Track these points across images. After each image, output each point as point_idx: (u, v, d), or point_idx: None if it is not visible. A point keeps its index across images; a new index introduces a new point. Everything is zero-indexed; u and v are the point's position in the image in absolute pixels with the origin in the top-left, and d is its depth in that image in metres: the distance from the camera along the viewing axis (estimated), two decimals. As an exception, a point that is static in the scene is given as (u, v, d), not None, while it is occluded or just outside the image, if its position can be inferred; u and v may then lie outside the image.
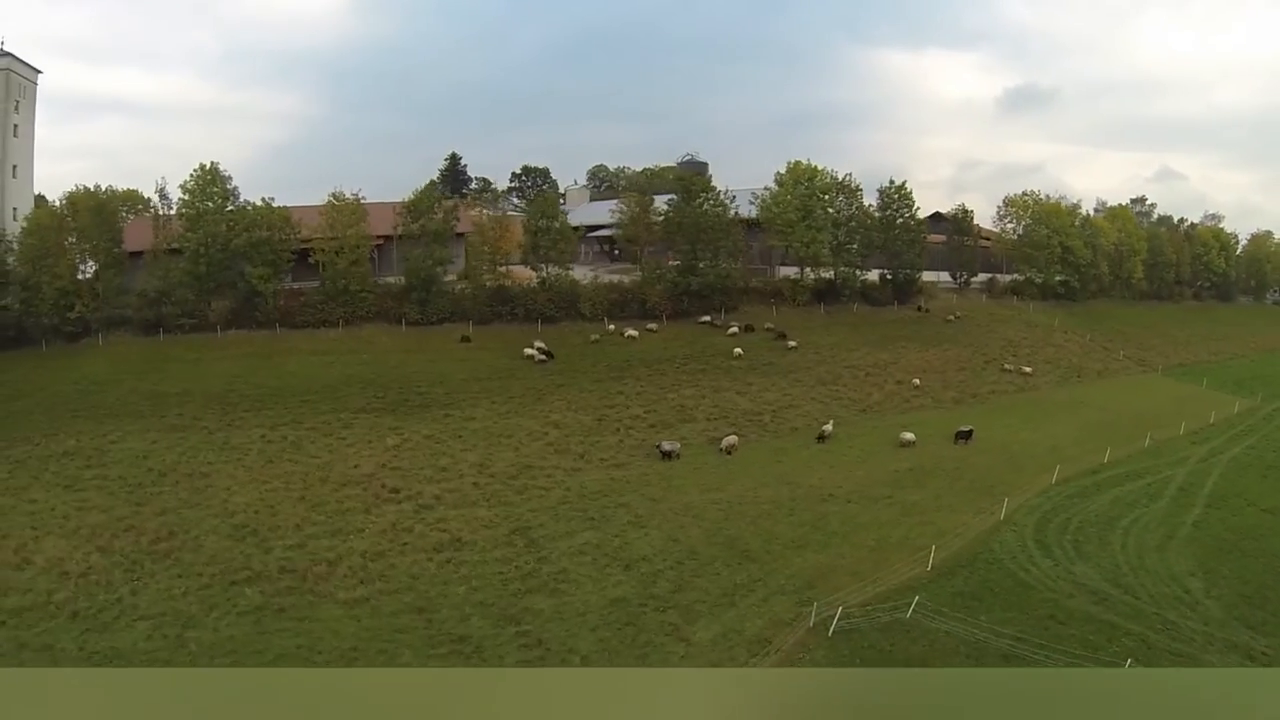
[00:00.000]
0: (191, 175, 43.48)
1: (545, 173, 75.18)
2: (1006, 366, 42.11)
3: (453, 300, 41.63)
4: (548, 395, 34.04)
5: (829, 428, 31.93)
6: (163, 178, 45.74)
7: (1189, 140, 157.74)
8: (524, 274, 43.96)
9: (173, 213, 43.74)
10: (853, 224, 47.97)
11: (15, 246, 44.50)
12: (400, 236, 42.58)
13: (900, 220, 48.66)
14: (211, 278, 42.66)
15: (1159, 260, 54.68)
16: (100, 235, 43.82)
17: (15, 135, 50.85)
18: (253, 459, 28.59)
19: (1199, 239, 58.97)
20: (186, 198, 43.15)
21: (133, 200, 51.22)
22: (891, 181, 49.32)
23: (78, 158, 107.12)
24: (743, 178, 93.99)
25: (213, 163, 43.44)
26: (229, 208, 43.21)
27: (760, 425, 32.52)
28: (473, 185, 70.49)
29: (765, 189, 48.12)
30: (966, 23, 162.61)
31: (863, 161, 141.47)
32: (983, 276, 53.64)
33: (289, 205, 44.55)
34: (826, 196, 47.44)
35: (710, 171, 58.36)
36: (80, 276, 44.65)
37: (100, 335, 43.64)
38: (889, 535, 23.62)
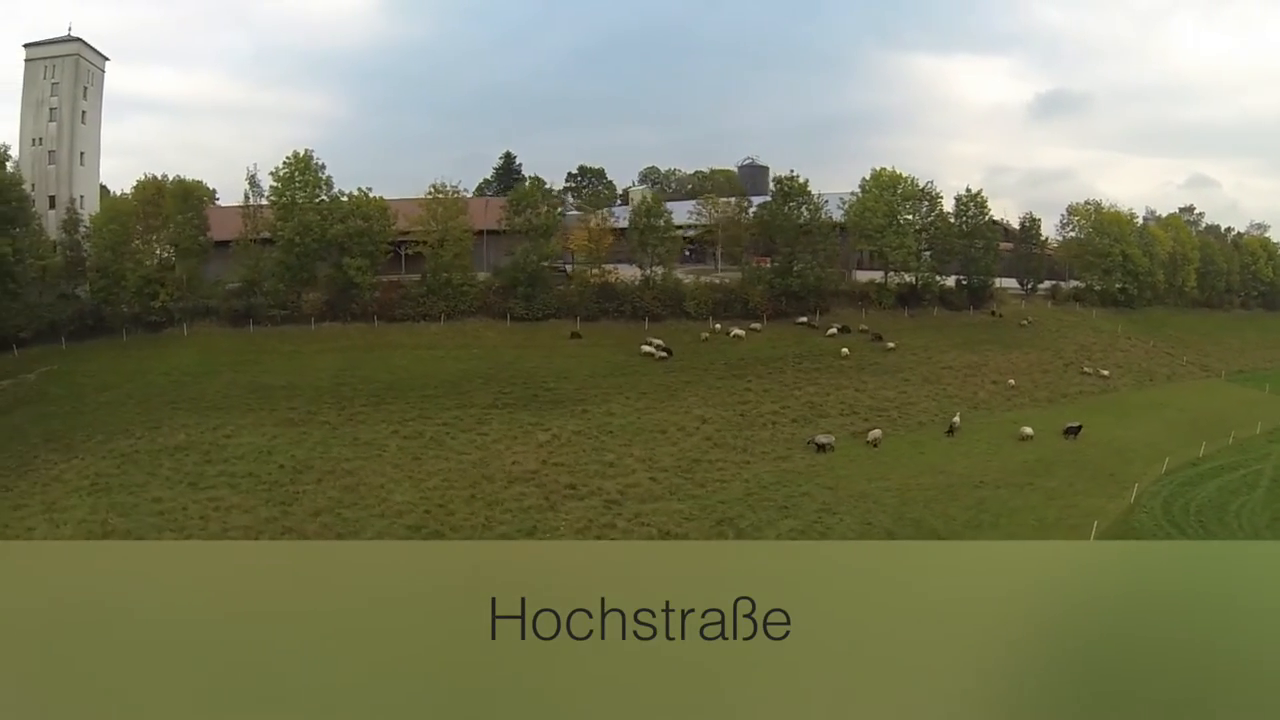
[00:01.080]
0: (284, 163, 46.35)
1: (601, 173, 79.71)
2: (1085, 370, 48.42)
3: (558, 296, 45.60)
4: (679, 391, 38.39)
5: (957, 420, 37.37)
6: (254, 164, 48.51)
7: (1221, 146, 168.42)
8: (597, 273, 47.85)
9: (263, 201, 46.42)
10: (934, 230, 53.82)
11: (90, 233, 46.58)
12: (504, 232, 46.30)
13: (977, 227, 54.79)
14: (304, 268, 45.49)
15: (1210, 269, 62.67)
16: (187, 222, 46.19)
17: (83, 122, 52.79)
18: (394, 455, 31.44)
19: (1247, 248, 67.54)
20: (278, 185, 45.92)
21: (199, 191, 53.39)
22: (968, 190, 55.53)
23: (110, 155, 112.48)
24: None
25: (306, 150, 46.40)
26: (321, 197, 46.12)
27: (889, 420, 37.63)
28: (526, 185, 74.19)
29: (852, 194, 53.62)
30: (998, 27, 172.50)
31: (890, 166, 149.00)
32: (1046, 283, 60.45)
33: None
34: (909, 203, 53.23)
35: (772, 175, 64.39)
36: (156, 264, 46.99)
37: (185, 325, 46.12)
38: (1045, 515, 28.90)
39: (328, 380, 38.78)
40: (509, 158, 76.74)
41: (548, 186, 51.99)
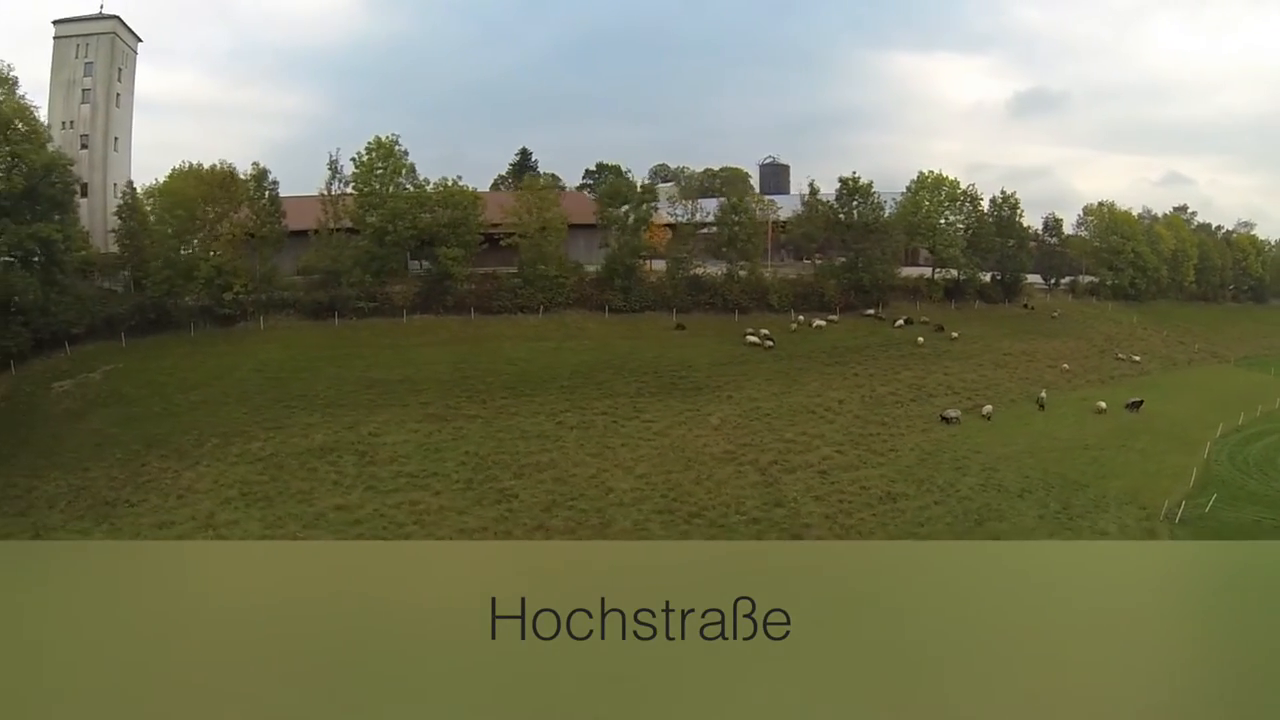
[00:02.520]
0: (366, 149, 49.75)
1: (618, 169, 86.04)
2: (1119, 356, 59.45)
3: (653, 289, 51.58)
4: (799, 377, 45.26)
5: (1044, 395, 46.47)
6: (337, 149, 50.91)
7: (1196, 144, 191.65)
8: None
9: (348, 190, 49.38)
10: (975, 229, 63.90)
11: (146, 221, 47.78)
12: (599, 225, 51.82)
13: (1011, 226, 65.51)
14: (393, 259, 48.93)
15: (1206, 265, 76.88)
16: (261, 210, 48.38)
17: (118, 106, 53.75)
18: (577, 445, 34.63)
19: (1237, 245, 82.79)
20: (360, 171, 49.19)
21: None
22: (1002, 191, 66.26)
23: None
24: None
25: (392, 135, 49.75)
26: (405, 185, 49.73)
27: (984, 397, 46.00)
28: (541, 181, 79.36)
29: (903, 193, 62.94)
30: (977, 26, 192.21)
31: (869, 163, 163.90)
32: (1066, 278, 72.29)
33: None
34: (954, 204, 63.12)
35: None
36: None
37: (261, 319, 48.16)
38: (1147, 468, 37.80)
39: (448, 373, 42.43)
40: (525, 153, 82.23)
41: (561, 183, 57.94)
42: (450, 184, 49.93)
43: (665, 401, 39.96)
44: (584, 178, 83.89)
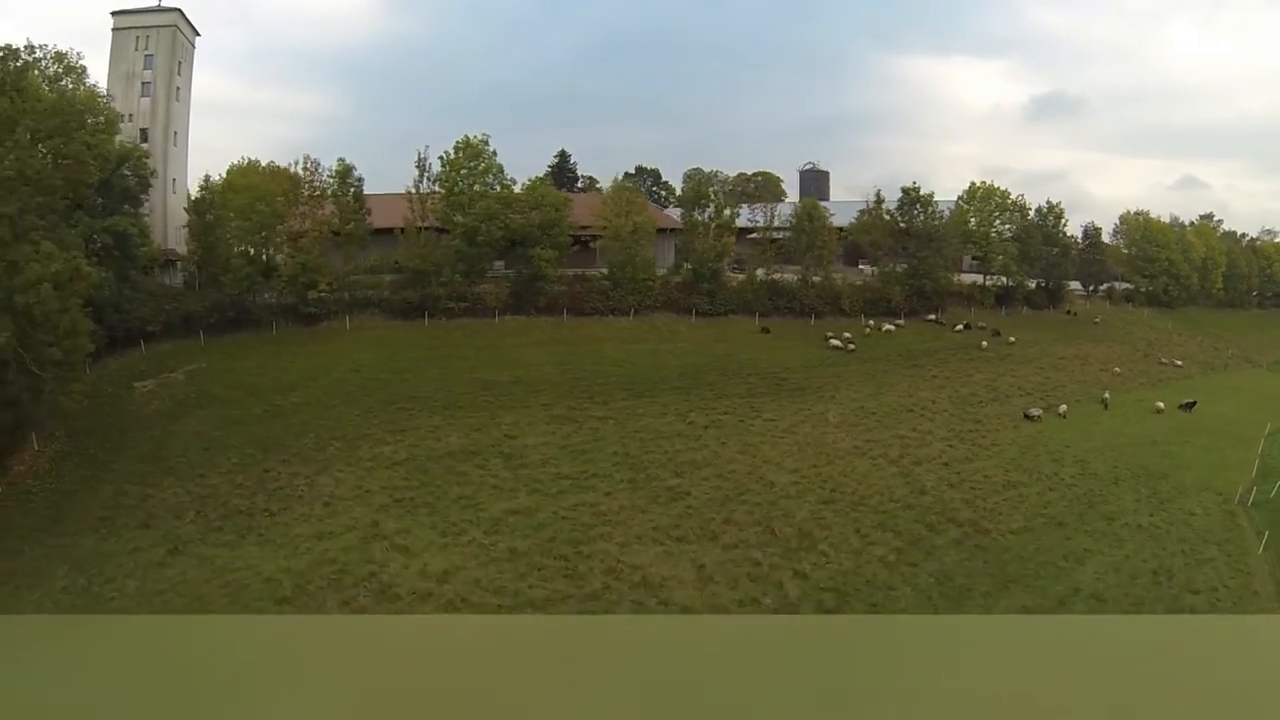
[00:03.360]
0: (455, 148, 54.28)
1: (657, 174, 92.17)
2: (1162, 360, 66.86)
3: (735, 293, 57.20)
4: (886, 378, 51.13)
5: (1107, 396, 53.17)
6: (426, 147, 54.40)
7: (1212, 148, 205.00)
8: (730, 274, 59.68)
9: (435, 188, 53.29)
10: (1024, 238, 70.88)
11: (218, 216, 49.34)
12: (682, 230, 57.31)
13: (1058, 236, 72.74)
14: (484, 259, 53.29)
15: (1234, 272, 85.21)
16: (346, 207, 51.32)
17: (178, 99, 56.87)
18: (735, 443, 38.21)
19: (1262, 253, 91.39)
20: (447, 171, 53.37)
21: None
22: (1048, 202, 73.53)
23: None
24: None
25: (482, 134, 53.98)
26: (494, 186, 54.16)
27: (1055, 397, 52.51)
28: (579, 185, 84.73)
29: (957, 201, 69.68)
30: (994, 30, 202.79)
31: (886, 167, 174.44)
32: (1103, 285, 79.90)
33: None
34: (1004, 214, 70.04)
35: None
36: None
37: (347, 318, 51.19)
38: (1211, 461, 44.39)
39: (557, 374, 46.47)
40: (564, 155, 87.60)
41: (598, 186, 63.14)
42: (538, 185, 54.68)
43: (777, 401, 45.34)
44: (623, 179, 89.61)
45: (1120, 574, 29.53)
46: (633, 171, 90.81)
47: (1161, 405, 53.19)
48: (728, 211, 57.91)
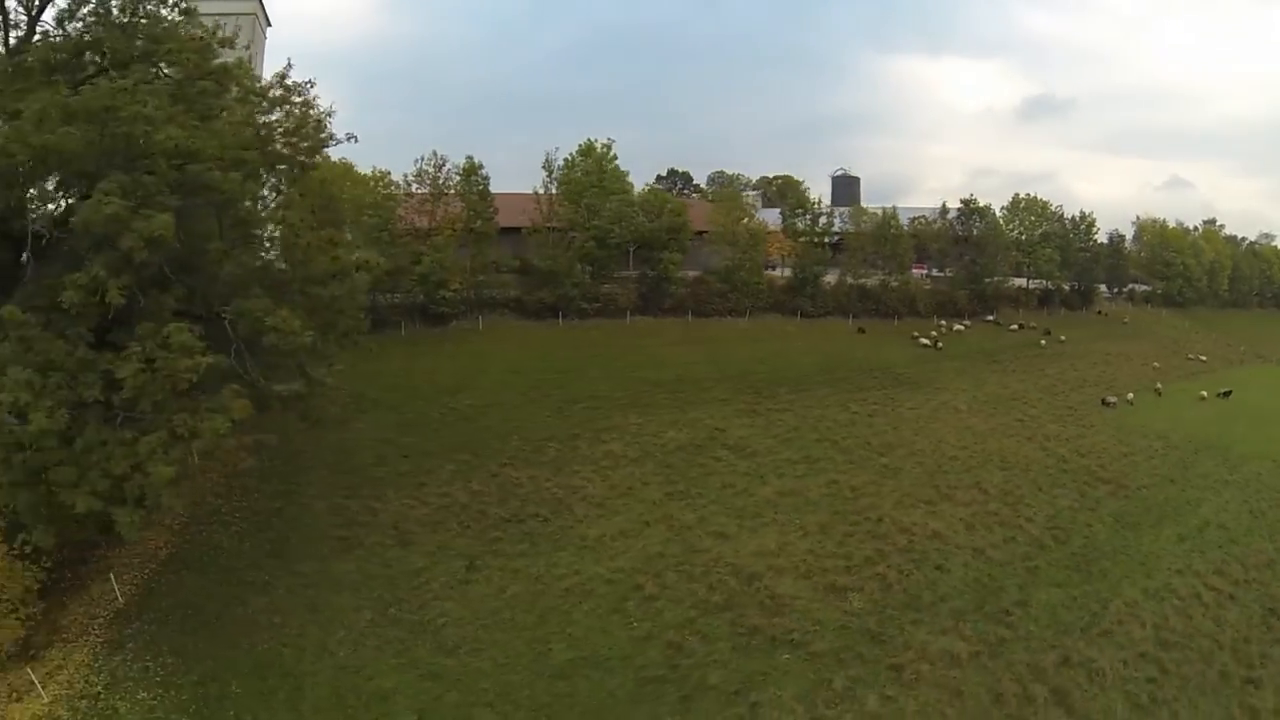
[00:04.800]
0: (578, 152, 64.20)
1: (687, 176, 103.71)
2: (1189, 356, 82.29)
3: (831, 295, 69.00)
4: (974, 373, 63.51)
5: (1160, 387, 67.39)
6: (555, 148, 63.01)
7: (1198, 148, 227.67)
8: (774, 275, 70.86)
9: (554, 189, 62.38)
10: (1062, 245, 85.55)
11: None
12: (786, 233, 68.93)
13: (1089, 242, 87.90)
14: (613, 261, 62.88)
15: (1238, 274, 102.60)
16: (473, 204, 58.41)
17: None
18: (906, 428, 47.45)
19: (1263, 255, 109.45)
20: (572, 173, 63.04)
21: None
22: (1081, 212, 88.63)
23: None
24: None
25: (609, 140, 63.71)
26: (613, 188, 64.02)
27: (1116, 388, 66.15)
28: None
29: (1002, 211, 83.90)
30: (987, 33, 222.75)
31: (875, 167, 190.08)
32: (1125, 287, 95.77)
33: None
34: (1047, 223, 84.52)
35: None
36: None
37: (480, 318, 57.87)
38: (1261, 435, 58.15)
39: (708, 372, 54.10)
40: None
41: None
42: (656, 190, 65.19)
43: (905, 392, 56.04)
44: (655, 182, 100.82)
45: (1228, 512, 42.37)
46: (664, 174, 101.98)
47: (1205, 394, 67.69)
48: (824, 219, 69.63)
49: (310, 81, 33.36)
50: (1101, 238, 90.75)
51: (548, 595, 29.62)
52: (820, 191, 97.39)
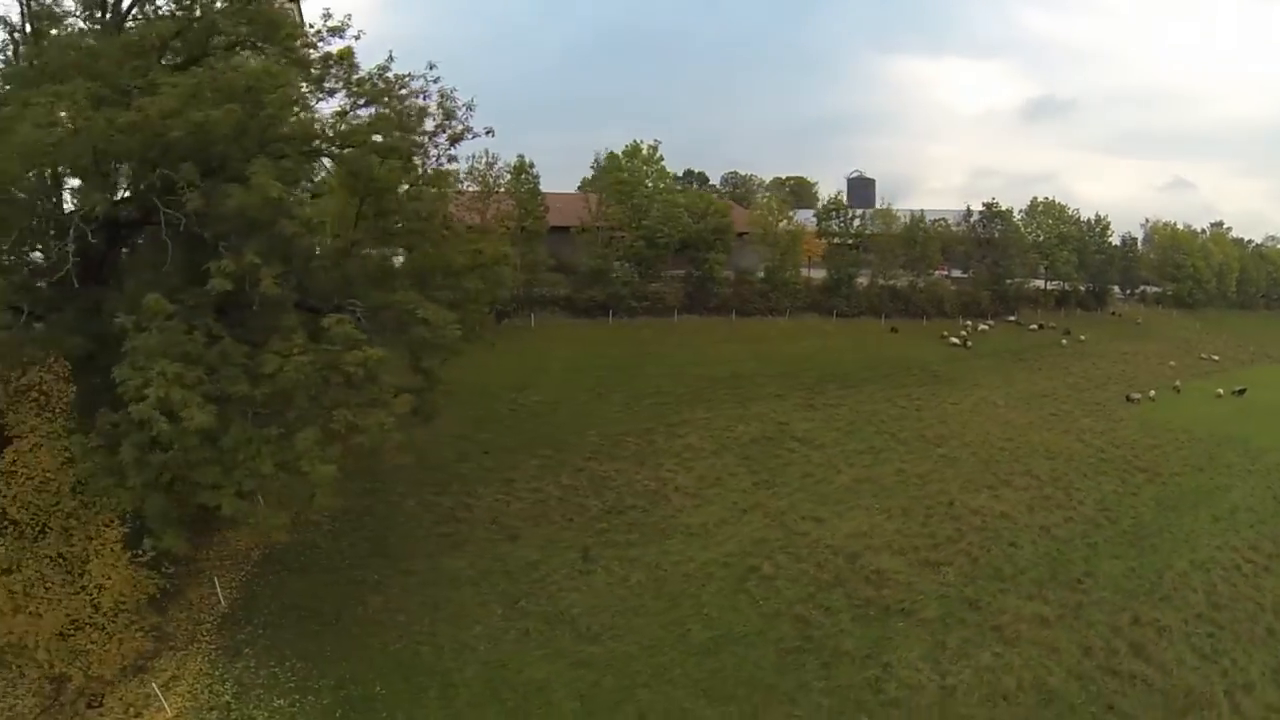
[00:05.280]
0: (624, 153, 68.46)
1: (703, 176, 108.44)
2: (1202, 355, 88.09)
3: (864, 295, 73.85)
4: (1004, 371, 68.48)
5: (1179, 384, 72.91)
6: (604, 148, 66.97)
7: (1201, 149, 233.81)
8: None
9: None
10: (1079, 247, 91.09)
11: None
12: (821, 235, 73.73)
13: (1104, 244, 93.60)
14: (660, 260, 67.14)
15: (1245, 276, 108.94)
16: (524, 201, 61.92)
17: None
18: (955, 422, 51.96)
19: (1269, 258, 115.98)
20: (620, 172, 67.35)
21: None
22: (1096, 215, 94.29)
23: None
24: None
25: (655, 142, 68.05)
26: (660, 189, 68.31)
27: (1138, 385, 71.56)
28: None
29: (1020, 215, 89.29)
30: (988, 33, 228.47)
31: (877, 167, 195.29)
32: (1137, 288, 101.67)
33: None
34: (1065, 226, 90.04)
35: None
36: None
37: (532, 316, 61.78)
38: (1277, 429, 64.26)
39: (758, 368, 57.86)
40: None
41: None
42: (699, 192, 69.60)
43: (942, 389, 60.63)
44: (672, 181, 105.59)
45: (1255, 497, 47.53)
46: (680, 175, 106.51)
47: (1221, 391, 73.30)
48: (857, 222, 74.49)
49: (410, 75, 30.26)
50: (1114, 240, 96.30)
51: (670, 581, 32.04)
52: (828, 192, 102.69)
